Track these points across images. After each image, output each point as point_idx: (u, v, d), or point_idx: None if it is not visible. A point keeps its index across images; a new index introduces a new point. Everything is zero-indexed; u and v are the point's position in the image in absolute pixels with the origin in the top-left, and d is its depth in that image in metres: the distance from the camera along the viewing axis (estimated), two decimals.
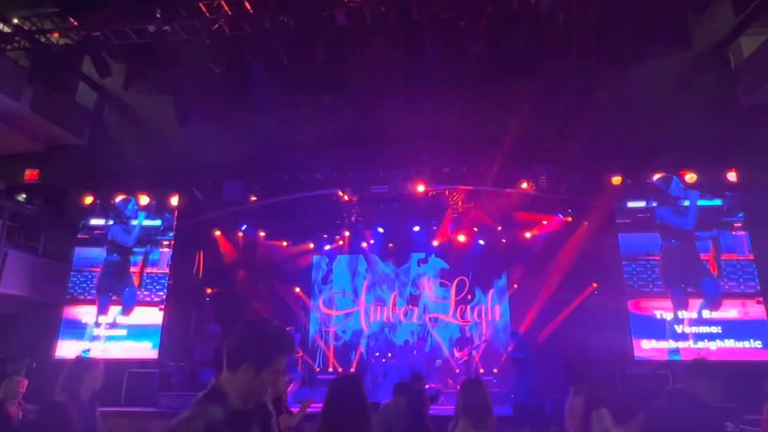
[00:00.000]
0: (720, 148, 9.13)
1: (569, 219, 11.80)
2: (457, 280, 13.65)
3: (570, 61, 8.92)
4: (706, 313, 8.89)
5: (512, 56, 8.78)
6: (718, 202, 9.31)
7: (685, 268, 9.19)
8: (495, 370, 12.24)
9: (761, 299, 8.72)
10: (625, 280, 9.43)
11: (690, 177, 9.40)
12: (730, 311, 8.82)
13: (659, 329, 9.03)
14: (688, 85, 9.39)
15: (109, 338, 10.29)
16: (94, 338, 10.28)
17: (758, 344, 8.53)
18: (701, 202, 9.37)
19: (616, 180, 9.63)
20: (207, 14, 8.56)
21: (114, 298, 10.48)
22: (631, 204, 9.73)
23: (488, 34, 8.09)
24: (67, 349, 10.16)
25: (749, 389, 4.85)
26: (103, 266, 10.66)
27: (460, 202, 12.23)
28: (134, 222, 10.83)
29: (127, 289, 10.51)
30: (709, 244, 9.19)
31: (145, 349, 10.16)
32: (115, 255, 10.73)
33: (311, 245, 13.90)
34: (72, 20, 8.99)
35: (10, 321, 10.57)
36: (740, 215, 9.22)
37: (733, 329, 8.74)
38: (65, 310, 10.41)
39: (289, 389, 11.54)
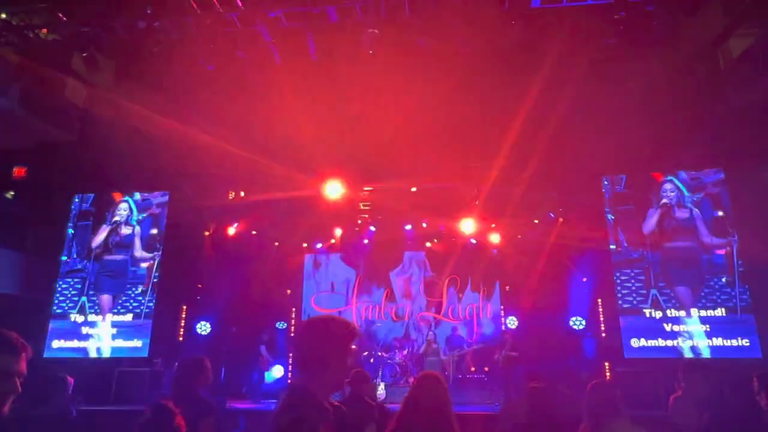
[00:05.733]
0: (709, 148, 9.20)
1: (561, 219, 11.87)
2: (448, 278, 13.68)
3: (560, 61, 8.94)
4: (695, 312, 8.97)
5: (503, 55, 8.79)
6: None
7: (681, 270, 9.22)
8: (486, 369, 12.28)
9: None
10: (616, 279, 9.50)
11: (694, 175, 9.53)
12: (718, 309, 8.90)
13: (649, 328, 9.10)
14: (678, 86, 9.45)
15: (99, 337, 10.22)
16: (84, 336, 10.20)
17: (746, 342, 8.62)
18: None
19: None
20: (198, 10, 8.49)
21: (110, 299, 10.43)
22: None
23: (480, 32, 8.10)
24: (56, 347, 10.07)
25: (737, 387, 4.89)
26: (102, 265, 10.61)
27: (452, 201, 12.26)
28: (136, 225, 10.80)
29: (122, 294, 10.45)
30: (721, 254, 9.15)
31: (135, 348, 10.10)
32: (117, 254, 10.67)
33: (303, 244, 13.88)
34: (61, 15, 8.88)
35: None
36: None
37: (721, 328, 8.83)
38: (54, 308, 10.32)
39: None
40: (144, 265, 10.59)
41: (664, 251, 9.37)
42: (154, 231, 10.79)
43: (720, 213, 9.31)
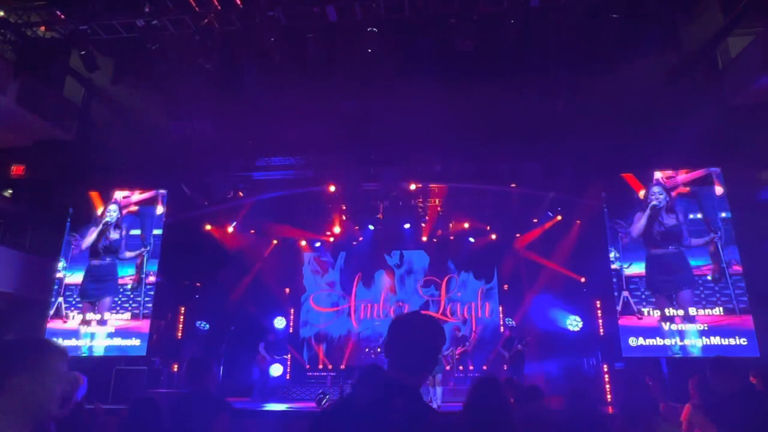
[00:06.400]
0: (707, 148, 9.21)
1: (559, 217, 11.89)
2: (446, 277, 13.69)
3: (559, 60, 8.94)
4: (693, 311, 8.98)
5: (502, 54, 8.80)
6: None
7: (669, 276, 9.23)
8: (484, 367, 12.31)
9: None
10: (614, 280, 9.51)
11: (678, 177, 9.54)
12: (716, 309, 8.91)
13: (647, 327, 9.11)
14: (676, 85, 9.45)
15: (97, 335, 10.20)
16: (82, 335, 10.18)
17: (743, 341, 8.63)
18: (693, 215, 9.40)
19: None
20: (196, 9, 8.48)
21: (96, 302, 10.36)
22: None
23: (479, 32, 8.10)
24: None
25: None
26: (89, 269, 10.54)
27: (450, 200, 12.27)
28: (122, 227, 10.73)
29: (109, 297, 10.38)
30: (705, 254, 9.17)
31: (133, 346, 10.08)
32: (103, 259, 10.60)
33: (302, 242, 13.89)
34: (59, 13, 8.86)
35: None
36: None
37: (719, 327, 8.84)
38: (52, 306, 10.31)
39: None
40: (131, 271, 10.49)
41: (650, 257, 9.36)
42: (137, 231, 10.71)
43: (699, 215, 9.33)
